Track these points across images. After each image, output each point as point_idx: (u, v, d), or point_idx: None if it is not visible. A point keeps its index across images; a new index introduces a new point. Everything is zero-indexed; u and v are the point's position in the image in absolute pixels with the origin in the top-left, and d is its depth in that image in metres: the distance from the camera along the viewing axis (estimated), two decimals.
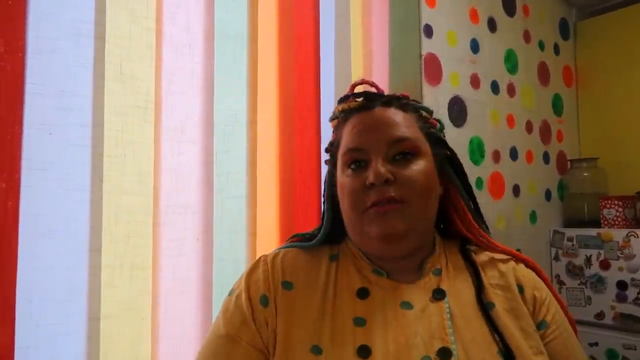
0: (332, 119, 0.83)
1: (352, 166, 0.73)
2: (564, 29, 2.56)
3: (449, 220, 0.82)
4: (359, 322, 0.68)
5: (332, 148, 0.80)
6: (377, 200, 0.68)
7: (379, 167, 0.68)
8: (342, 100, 0.80)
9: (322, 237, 0.80)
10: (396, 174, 0.69)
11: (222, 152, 1.20)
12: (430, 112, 0.80)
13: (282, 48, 1.34)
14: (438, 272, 0.74)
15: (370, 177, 0.68)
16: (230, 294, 0.76)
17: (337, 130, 0.80)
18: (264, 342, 0.69)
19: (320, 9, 1.44)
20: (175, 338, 1.08)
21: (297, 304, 0.70)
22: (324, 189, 0.83)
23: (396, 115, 0.74)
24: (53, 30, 0.97)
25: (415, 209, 0.70)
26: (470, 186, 0.82)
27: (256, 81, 1.28)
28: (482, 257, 0.78)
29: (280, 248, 0.81)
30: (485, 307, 0.70)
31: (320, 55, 1.42)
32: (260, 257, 0.78)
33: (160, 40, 1.12)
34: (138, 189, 1.05)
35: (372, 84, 0.85)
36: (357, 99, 0.78)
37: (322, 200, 0.84)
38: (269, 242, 1.25)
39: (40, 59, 0.95)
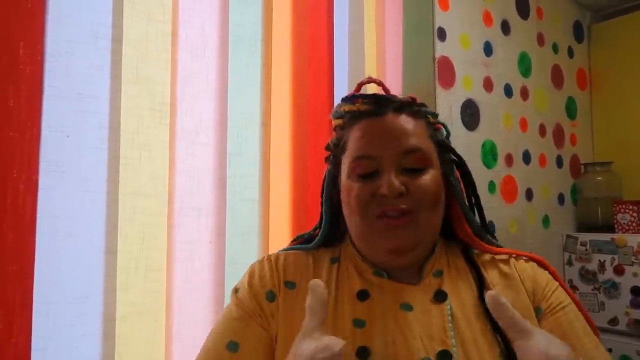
0: (335, 117, 0.79)
1: (360, 173, 0.71)
2: (578, 32, 2.54)
3: (449, 222, 0.80)
4: (358, 323, 0.67)
5: (335, 149, 0.78)
6: (388, 211, 0.68)
7: (393, 180, 0.67)
8: (348, 100, 0.77)
9: (320, 241, 0.80)
10: (408, 185, 0.68)
11: (236, 155, 1.21)
12: (436, 116, 0.78)
13: (296, 51, 1.34)
14: (439, 274, 0.73)
15: (384, 189, 0.67)
16: (236, 290, 0.75)
17: (341, 130, 0.78)
18: (271, 331, 0.70)
19: (334, 12, 1.44)
20: (188, 340, 1.08)
21: (298, 303, 0.70)
22: (323, 189, 0.81)
23: (408, 123, 0.72)
24: (71, 33, 0.98)
25: (424, 220, 0.69)
26: (477, 194, 0.81)
27: (270, 84, 1.28)
28: (484, 257, 0.78)
29: (282, 251, 0.81)
30: (487, 308, 0.68)
31: (334, 59, 1.43)
32: (263, 257, 0.78)
33: (175, 43, 1.12)
34: (153, 191, 1.06)
35: (380, 84, 0.82)
36: (365, 101, 0.75)
37: (321, 201, 0.82)
38: (282, 244, 1.24)
39: (59, 62, 0.96)
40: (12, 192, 0.88)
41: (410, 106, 0.75)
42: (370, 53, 1.56)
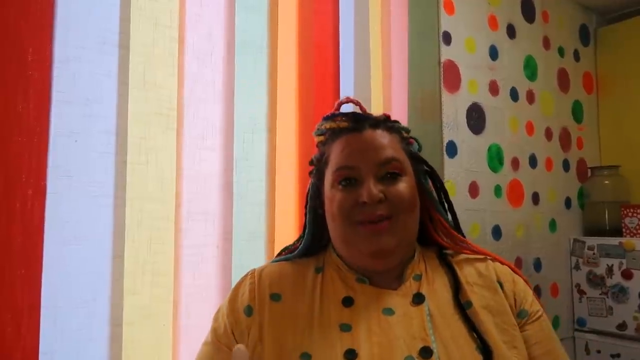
0: (317, 134, 0.86)
1: (342, 182, 0.76)
2: (584, 35, 2.53)
3: (425, 229, 0.86)
4: (345, 328, 0.72)
5: (318, 163, 0.84)
6: (369, 218, 0.73)
7: (372, 188, 0.73)
8: (329, 118, 0.84)
9: (302, 250, 0.85)
10: (386, 192, 0.74)
11: (242, 159, 1.21)
12: (408, 131, 0.86)
13: (301, 56, 1.34)
14: (418, 278, 0.79)
15: (364, 196, 0.73)
16: (223, 303, 0.81)
17: (323, 146, 0.84)
18: (242, 342, 0.73)
19: (339, 17, 1.45)
20: (195, 344, 1.08)
21: (285, 314, 0.75)
22: (307, 201, 0.87)
23: (384, 137, 0.79)
24: (79, 39, 0.99)
25: (403, 223, 0.75)
26: (450, 200, 0.88)
27: (276, 89, 1.29)
28: (459, 257, 0.84)
29: (269, 263, 0.86)
30: (462, 307, 0.75)
31: (340, 63, 1.43)
32: (249, 271, 0.83)
33: (182, 49, 1.13)
34: (160, 196, 1.07)
35: (357, 103, 0.88)
36: (345, 119, 0.81)
37: (305, 212, 0.87)
38: None
39: (67, 68, 0.97)
40: (21, 197, 0.89)
41: (385, 122, 0.82)
42: (376, 57, 1.56)
